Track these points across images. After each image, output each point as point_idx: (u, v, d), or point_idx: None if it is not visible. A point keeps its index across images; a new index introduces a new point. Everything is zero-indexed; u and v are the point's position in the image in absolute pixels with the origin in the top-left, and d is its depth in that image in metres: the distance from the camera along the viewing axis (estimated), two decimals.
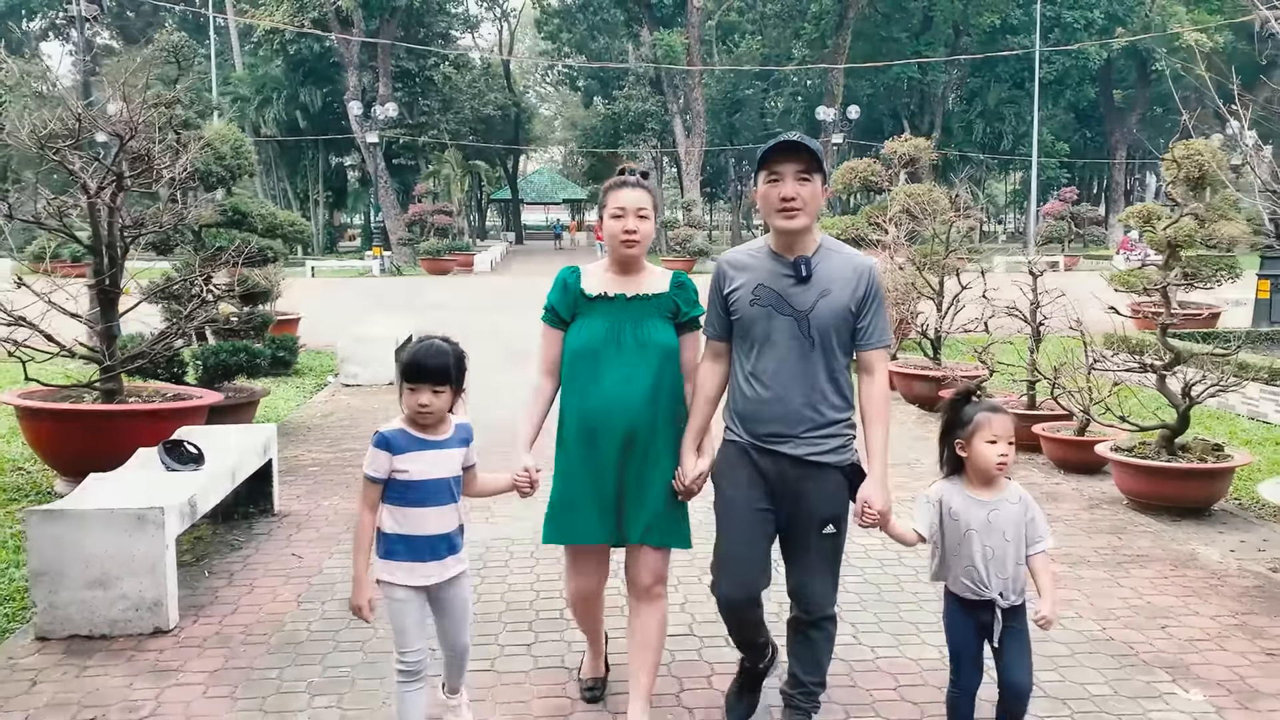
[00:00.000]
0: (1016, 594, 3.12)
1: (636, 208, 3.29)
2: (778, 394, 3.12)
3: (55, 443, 6.61)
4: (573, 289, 3.37)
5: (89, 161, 6.86)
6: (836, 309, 3.11)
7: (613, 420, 3.25)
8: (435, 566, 3.15)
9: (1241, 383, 7.10)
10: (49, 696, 3.80)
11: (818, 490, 3.15)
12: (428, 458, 3.12)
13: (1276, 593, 4.89)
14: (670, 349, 3.32)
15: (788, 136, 3.13)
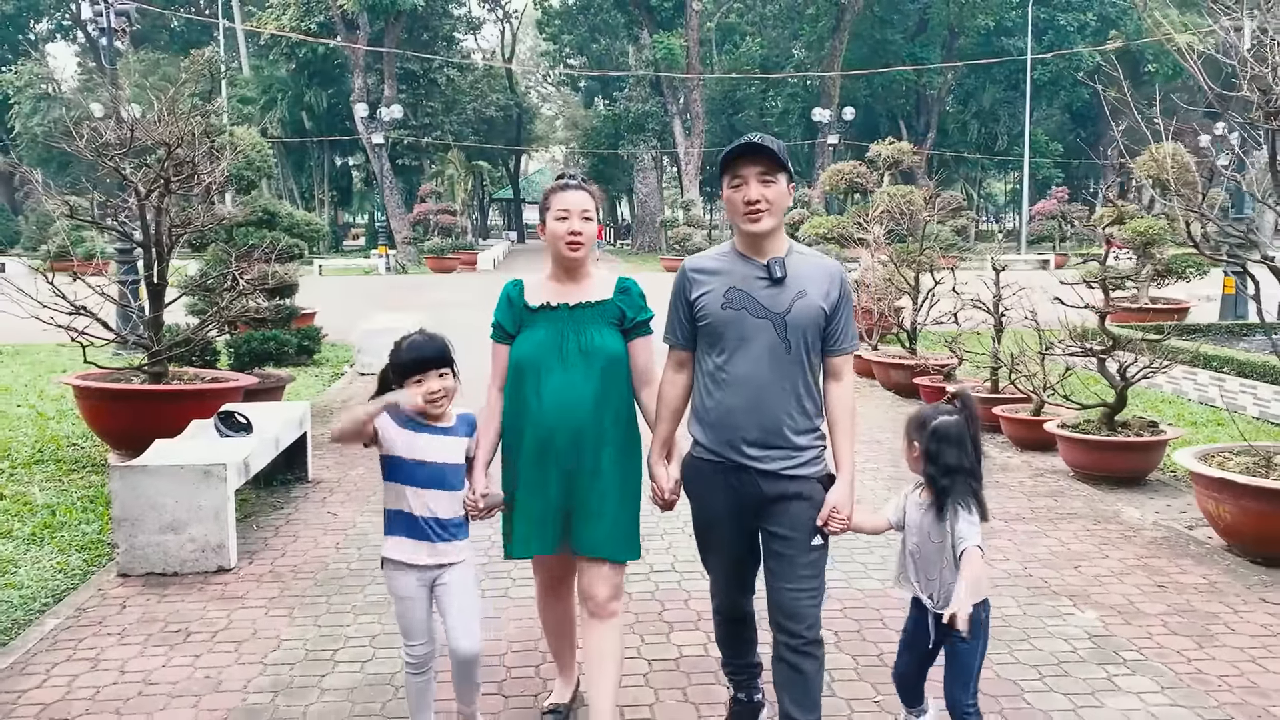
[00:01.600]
0: (944, 603, 3.07)
1: (581, 209, 3.23)
2: (754, 401, 3.00)
3: (109, 419, 7.38)
4: (516, 302, 3.31)
5: (137, 168, 7.62)
6: (811, 311, 3.03)
7: (556, 431, 3.18)
8: (426, 548, 3.18)
9: (1170, 365, 7.85)
10: (138, 616, 4.58)
11: (800, 503, 3.04)
12: (424, 441, 3.18)
13: (1180, 543, 5.66)
14: (615, 356, 3.24)
15: (748, 138, 3.06)
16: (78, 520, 6.06)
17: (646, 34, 43.35)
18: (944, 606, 3.04)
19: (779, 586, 3.05)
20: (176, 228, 7.50)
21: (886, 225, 11.95)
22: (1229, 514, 5.54)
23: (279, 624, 4.46)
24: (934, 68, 45.78)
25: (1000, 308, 8.96)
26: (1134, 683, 3.87)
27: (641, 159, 45.97)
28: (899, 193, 12.20)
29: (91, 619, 4.56)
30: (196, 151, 7.61)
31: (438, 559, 3.19)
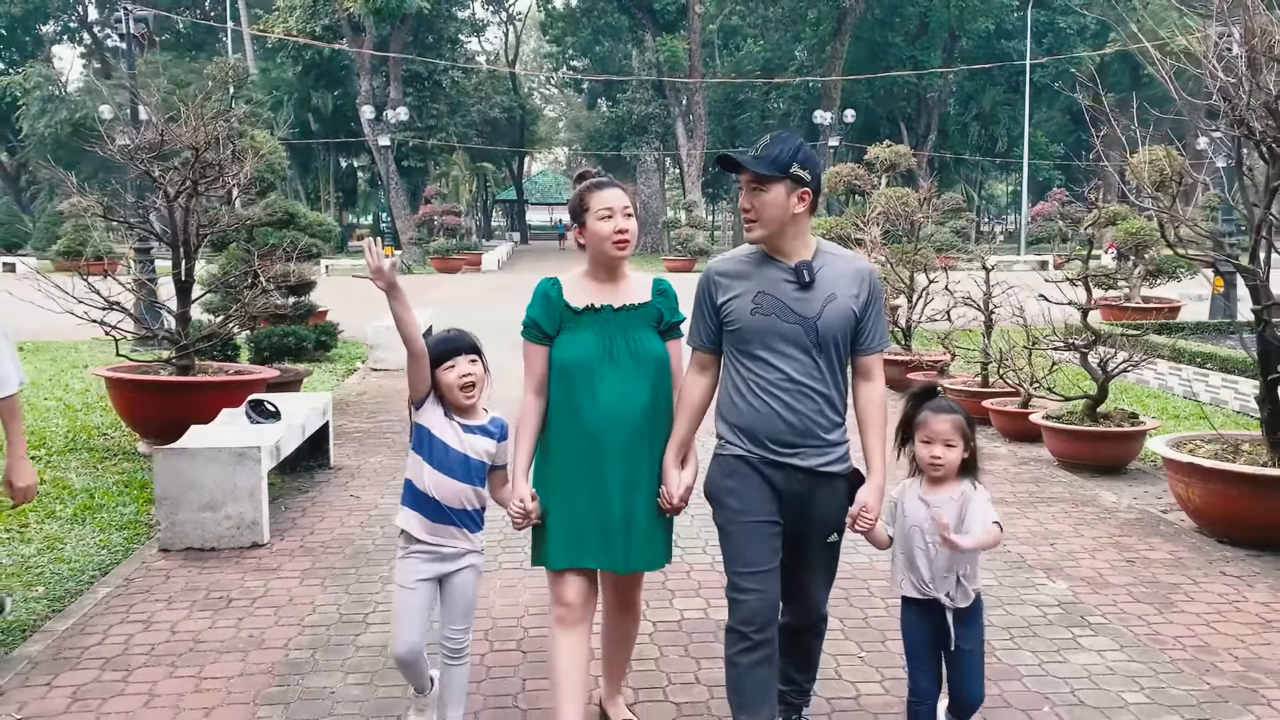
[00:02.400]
0: (964, 597, 3.08)
1: (623, 206, 3.16)
2: (787, 404, 2.98)
3: (140, 409, 7.77)
4: (556, 302, 3.19)
5: (165, 171, 8.00)
6: (843, 314, 2.99)
7: (615, 436, 3.09)
8: (443, 530, 3.20)
9: (1148, 358, 8.23)
10: (181, 585, 4.96)
11: (827, 500, 3.05)
12: (457, 431, 3.19)
13: (1152, 523, 6.03)
14: (663, 360, 3.20)
15: (725, 153, 3.06)
16: (115, 502, 6.44)
17: (649, 36, 43.77)
18: (964, 601, 3.05)
19: (793, 571, 3.07)
20: (203, 228, 7.89)
21: (883, 226, 12.33)
22: (1197, 497, 5.91)
23: (313, 592, 4.84)
24: (933, 72, 46.10)
25: (990, 306, 9.34)
26: (1096, 642, 4.25)
27: (644, 160, 46.37)
28: (894, 194, 12.57)
29: (139, 588, 4.95)
30: (222, 155, 8.02)
31: (455, 544, 3.20)
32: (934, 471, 3.08)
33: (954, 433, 3.08)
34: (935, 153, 48.24)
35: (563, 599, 3.18)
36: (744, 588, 3.00)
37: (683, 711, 3.67)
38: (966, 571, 3.08)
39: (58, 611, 4.68)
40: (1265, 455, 5.86)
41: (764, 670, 2.97)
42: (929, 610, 3.10)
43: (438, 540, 3.20)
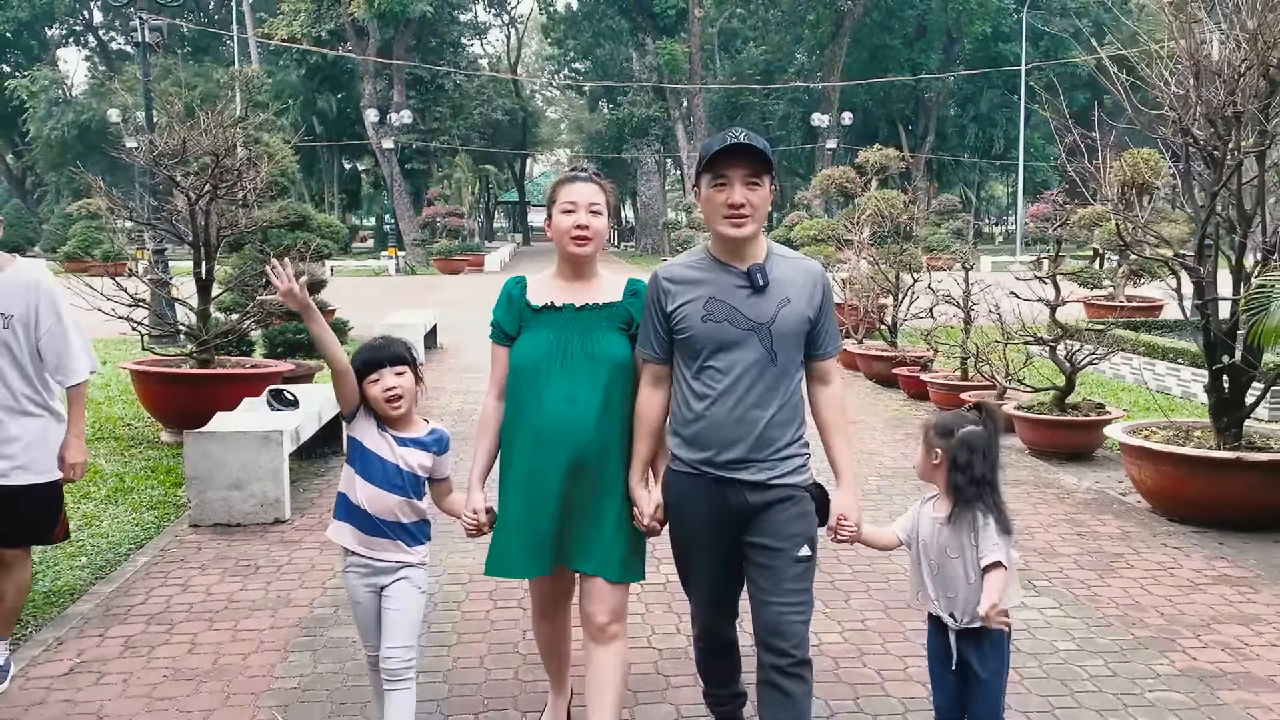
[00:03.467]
0: (970, 616, 2.93)
1: (589, 202, 3.03)
2: (738, 414, 2.86)
3: (164, 400, 8.26)
4: (517, 301, 3.12)
5: (186, 175, 8.48)
6: (797, 318, 2.90)
7: (558, 442, 2.98)
8: (378, 543, 3.12)
9: (1113, 351, 8.71)
10: (212, 555, 5.45)
11: (787, 513, 2.90)
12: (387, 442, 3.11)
13: (1107, 503, 6.51)
14: (623, 362, 3.05)
15: (734, 137, 2.83)
16: (144, 485, 6.93)
17: (650, 40, 44.28)
18: (968, 622, 2.93)
19: (764, 601, 2.89)
20: (223, 230, 8.37)
21: (872, 228, 12.78)
22: (1149, 478, 6.39)
23: (332, 560, 5.32)
24: (930, 78, 46.58)
25: (969, 303, 9.81)
26: (1038, 602, 4.72)
27: (645, 162, 46.88)
28: (883, 197, 13.04)
29: (174, 557, 5.43)
30: (240, 161, 8.50)
31: (385, 556, 3.12)
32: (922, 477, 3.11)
33: (922, 436, 3.08)
34: (933, 154, 48.73)
35: (534, 599, 3.33)
36: (699, 608, 3.16)
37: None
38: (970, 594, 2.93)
39: (101, 578, 5.16)
40: (1212, 440, 6.34)
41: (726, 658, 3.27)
42: (943, 628, 3.01)
43: (372, 553, 3.13)
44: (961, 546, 2.93)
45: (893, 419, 9.46)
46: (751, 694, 3.16)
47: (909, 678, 3.93)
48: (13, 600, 4.01)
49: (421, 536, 3.19)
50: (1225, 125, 6.04)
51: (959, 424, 2.99)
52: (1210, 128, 6.05)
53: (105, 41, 61.92)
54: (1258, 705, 3.72)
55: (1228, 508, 6.02)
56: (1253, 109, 5.94)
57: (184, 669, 4.05)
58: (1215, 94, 6.07)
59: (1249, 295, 5.65)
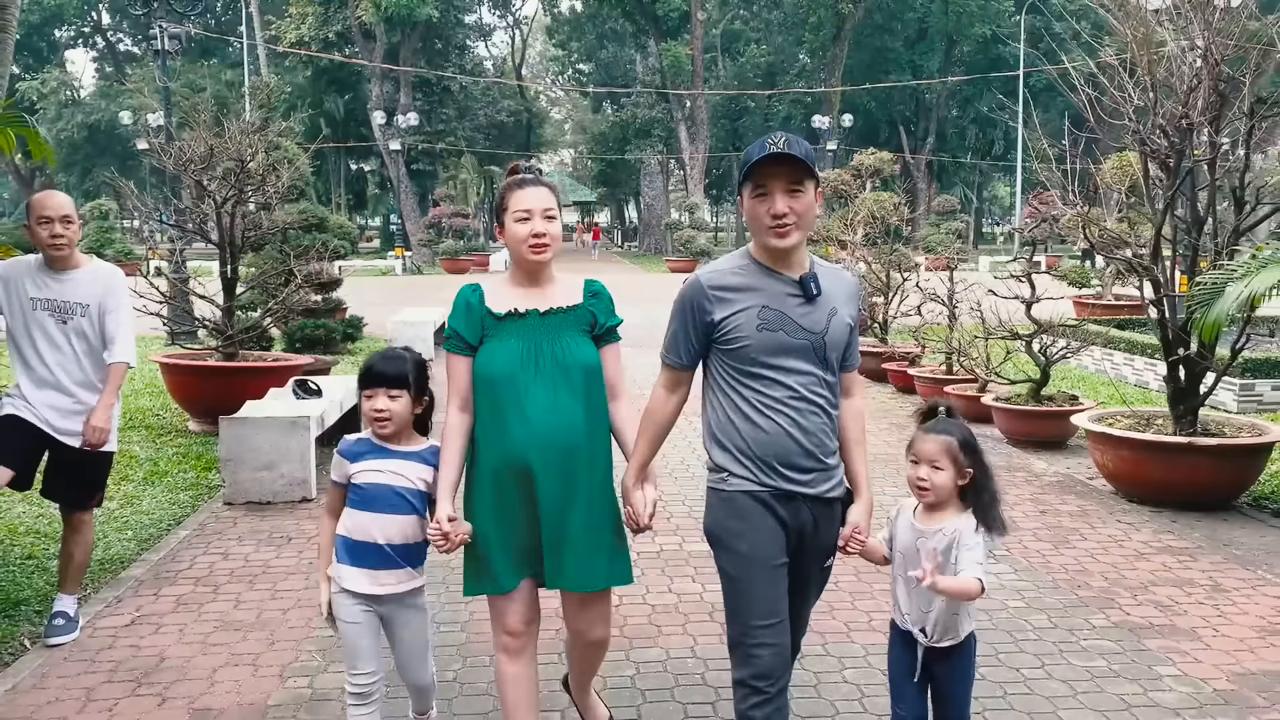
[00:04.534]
0: (941, 634, 2.89)
1: (543, 208, 2.97)
2: (797, 423, 2.81)
3: (191, 391, 8.79)
4: (477, 309, 3.01)
5: (211, 179, 9.01)
6: (843, 329, 2.87)
7: (547, 454, 2.92)
8: (386, 575, 3.05)
9: (1085, 345, 9.22)
10: (248, 528, 5.98)
11: (829, 526, 2.91)
12: (385, 465, 3.06)
13: (1071, 485, 7.01)
14: (594, 367, 3.02)
15: (773, 144, 2.76)
16: (177, 469, 7.45)
17: (653, 42, 44.82)
18: (938, 640, 2.88)
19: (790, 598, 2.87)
20: (248, 231, 8.91)
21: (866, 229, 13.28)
22: (1111, 462, 6.89)
23: None
24: (929, 82, 47.05)
25: (953, 301, 10.32)
26: (995, 569, 5.22)
27: (648, 163, 47.44)
28: (876, 199, 13.54)
29: (212, 530, 5.96)
30: (263, 167, 9.04)
31: (394, 586, 3.07)
32: (921, 496, 2.90)
33: (941, 455, 2.86)
34: (934, 156, 49.21)
35: (502, 626, 3.05)
36: (760, 641, 2.77)
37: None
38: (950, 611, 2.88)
39: (147, 549, 5.69)
40: (1170, 427, 6.85)
41: (781, 716, 2.82)
42: (909, 642, 2.94)
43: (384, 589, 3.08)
44: (943, 559, 2.84)
45: (879, 410, 9.96)
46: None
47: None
48: (80, 559, 4.54)
49: (424, 554, 3.16)
50: (1179, 135, 6.54)
51: (970, 436, 2.92)
52: (1164, 138, 6.55)
53: (113, 43, 62.62)
54: (1177, 651, 4.23)
55: (1181, 488, 6.52)
56: (1203, 120, 6.45)
57: (231, 621, 4.57)
58: (1171, 106, 6.57)
59: (1193, 293, 6.15)
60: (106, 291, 4.39)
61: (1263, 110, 6.46)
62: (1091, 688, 3.89)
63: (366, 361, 3.14)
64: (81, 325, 4.34)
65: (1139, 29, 6.92)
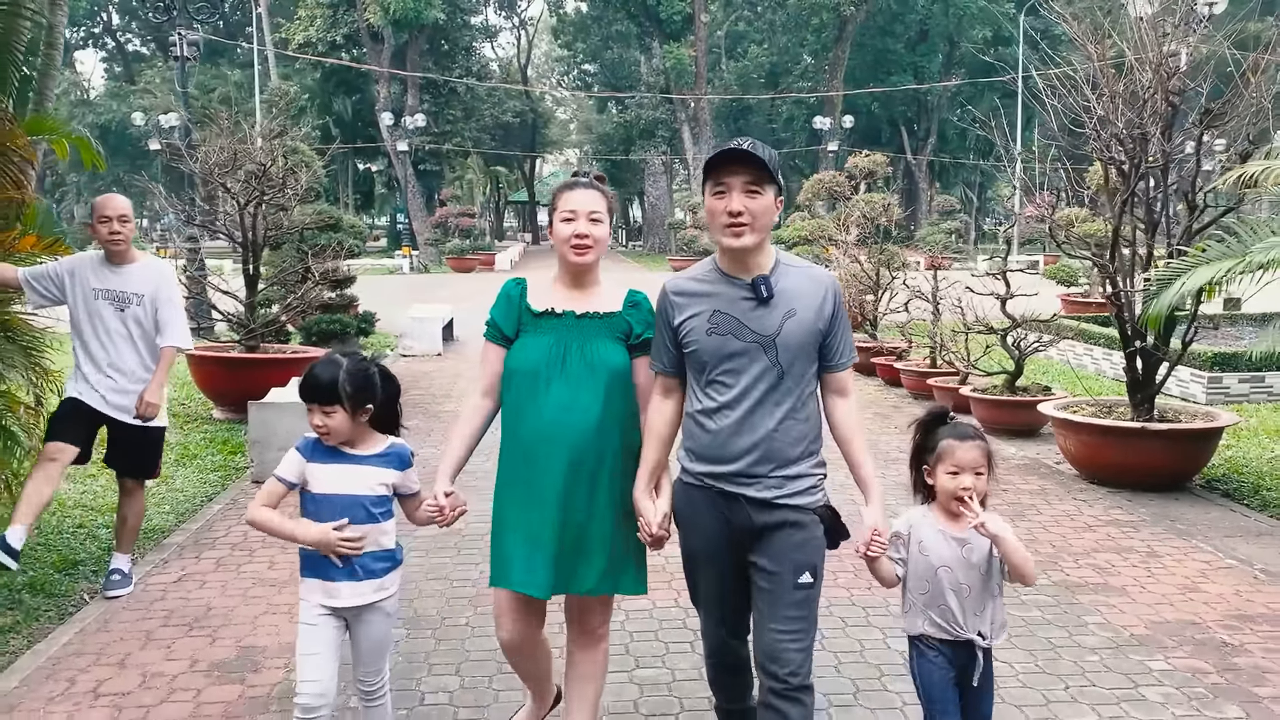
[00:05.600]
0: (997, 631, 2.91)
1: (589, 210, 3.02)
2: (743, 427, 2.83)
3: (217, 381, 9.37)
4: (517, 302, 3.10)
5: (235, 182, 9.58)
6: (805, 330, 2.83)
7: (553, 449, 2.96)
8: (347, 588, 2.98)
9: (1056, 340, 9.76)
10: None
11: (789, 538, 2.84)
12: (339, 472, 3.00)
13: (1036, 468, 7.56)
14: (621, 371, 3.04)
15: (736, 143, 2.79)
16: (205, 452, 8.03)
17: (657, 44, 45.38)
18: (998, 637, 2.90)
19: (763, 626, 2.86)
20: (269, 231, 9.48)
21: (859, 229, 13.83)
22: (1073, 447, 7.43)
23: None
24: (927, 87, 47.53)
25: (937, 298, 10.86)
26: None
27: (652, 164, 48.00)
28: (867, 200, 14.09)
29: (243, 504, 6.51)
30: (282, 170, 9.61)
31: (358, 598, 3.00)
32: (965, 507, 2.82)
33: (983, 459, 2.86)
34: (934, 156, 49.71)
35: (502, 625, 3.14)
36: (705, 627, 3.07)
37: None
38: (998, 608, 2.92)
39: (184, 520, 6.26)
40: (1129, 414, 7.38)
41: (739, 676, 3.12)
42: (956, 648, 2.88)
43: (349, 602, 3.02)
44: (989, 560, 2.87)
45: (867, 401, 10.51)
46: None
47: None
48: (133, 522, 5.11)
49: (394, 563, 3.09)
50: (1133, 143, 7.07)
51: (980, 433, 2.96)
52: (1121, 146, 7.08)
53: (122, 44, 63.33)
54: (1105, 604, 4.77)
55: (1136, 470, 7.05)
56: (1155, 130, 6.98)
57: (267, 579, 5.14)
58: (1126, 117, 7.10)
59: (1139, 289, 6.69)
60: (160, 283, 4.96)
61: (1209, 120, 6.99)
62: (1024, 632, 4.43)
63: (308, 371, 3.01)
64: (137, 313, 4.90)
65: (1100, 46, 7.47)
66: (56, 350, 5.66)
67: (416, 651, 4.27)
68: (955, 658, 2.88)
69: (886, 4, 47.33)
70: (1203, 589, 5.00)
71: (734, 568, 2.93)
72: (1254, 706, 3.77)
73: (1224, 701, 3.82)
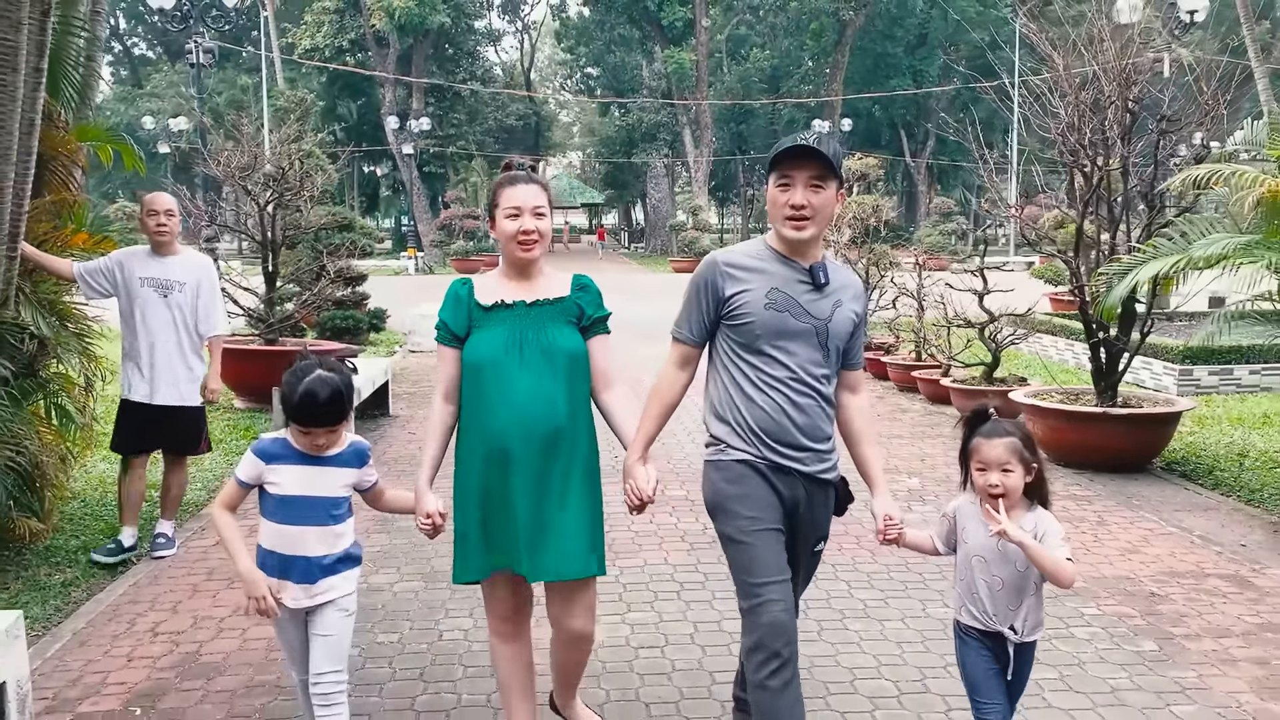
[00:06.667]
0: (1030, 630, 2.94)
1: (533, 205, 3.06)
2: (794, 403, 2.93)
3: (239, 373, 9.86)
4: (465, 301, 3.12)
5: (254, 184, 10.13)
6: (847, 321, 2.98)
7: (528, 438, 2.99)
8: (302, 590, 3.01)
9: (1029, 334, 10.31)
10: None
11: (822, 508, 3.02)
12: (304, 473, 3.00)
13: None
14: (577, 354, 3.10)
15: (802, 139, 2.89)
16: (230, 438, 8.57)
17: (658, 48, 45.97)
18: (1032, 635, 2.94)
19: None
20: (288, 231, 10.04)
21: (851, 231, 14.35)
22: (1041, 431, 7.94)
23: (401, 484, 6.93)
24: (925, 92, 48.06)
25: (921, 296, 11.40)
26: (923, 509, 6.31)
27: (654, 166, 48.60)
28: (859, 201, 14.62)
29: None
30: (300, 173, 10.17)
31: (311, 599, 3.02)
32: (994, 503, 2.87)
33: (1010, 457, 2.90)
34: (933, 159, 50.26)
35: (493, 611, 3.21)
36: (769, 598, 2.85)
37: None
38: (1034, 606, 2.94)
39: (214, 496, 6.78)
40: (1095, 401, 7.91)
41: (796, 690, 2.86)
42: (991, 638, 2.95)
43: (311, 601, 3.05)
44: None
45: None
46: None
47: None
48: (175, 492, 5.66)
49: (353, 561, 3.12)
50: (1092, 148, 7.60)
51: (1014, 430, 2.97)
52: (1083, 151, 7.61)
53: (129, 48, 63.98)
54: None
55: (1098, 452, 7.59)
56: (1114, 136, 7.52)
57: None
58: (1089, 124, 7.63)
59: (1095, 282, 7.22)
60: (201, 275, 5.52)
61: (1165, 126, 7.52)
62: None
63: (301, 393, 2.93)
64: (179, 300, 5.46)
65: (1067, 57, 8.01)
66: (103, 338, 6.20)
67: (434, 600, 4.82)
68: (992, 646, 2.94)
69: (886, 8, 47.90)
70: (1142, 551, 5.54)
71: (781, 534, 2.96)
72: (1167, 642, 4.31)
73: (1143, 638, 4.36)
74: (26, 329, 5.25)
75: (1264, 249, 5.89)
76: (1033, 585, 2.90)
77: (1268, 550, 5.62)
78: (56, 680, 3.99)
